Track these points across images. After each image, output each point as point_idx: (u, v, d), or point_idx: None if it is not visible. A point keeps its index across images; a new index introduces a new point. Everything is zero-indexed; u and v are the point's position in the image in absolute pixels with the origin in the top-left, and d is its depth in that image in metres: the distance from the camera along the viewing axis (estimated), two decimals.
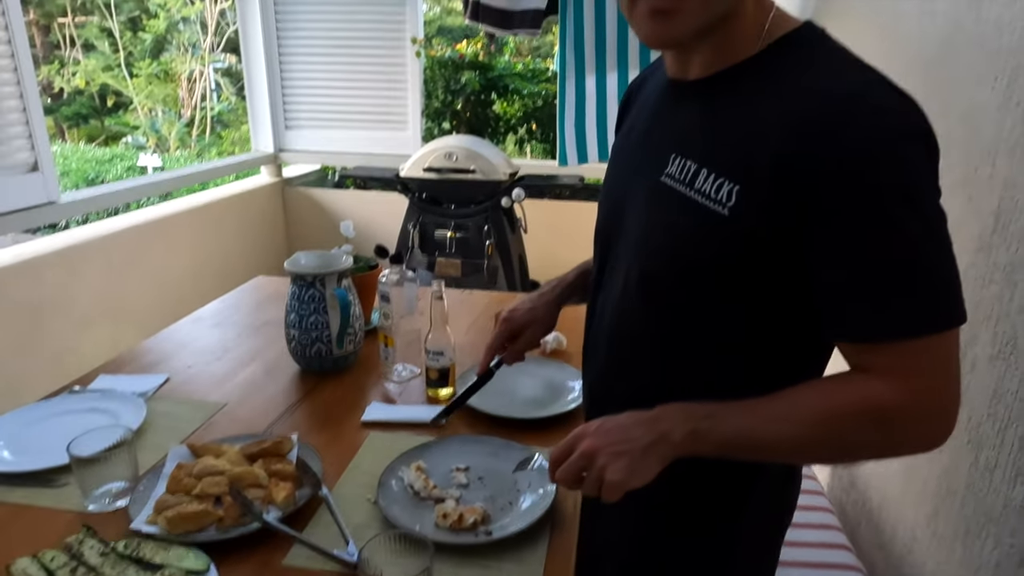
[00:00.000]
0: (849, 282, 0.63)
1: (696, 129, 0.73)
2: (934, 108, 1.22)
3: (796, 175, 0.63)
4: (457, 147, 3.16)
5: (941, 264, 0.63)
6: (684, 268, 0.73)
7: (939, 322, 0.62)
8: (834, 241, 0.63)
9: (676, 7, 0.67)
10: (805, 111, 0.63)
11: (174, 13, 12.14)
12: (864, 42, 1.65)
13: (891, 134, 0.60)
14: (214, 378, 1.35)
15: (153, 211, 3.07)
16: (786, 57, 0.68)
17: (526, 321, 1.06)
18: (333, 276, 1.30)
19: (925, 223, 0.62)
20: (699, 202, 0.69)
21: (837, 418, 0.66)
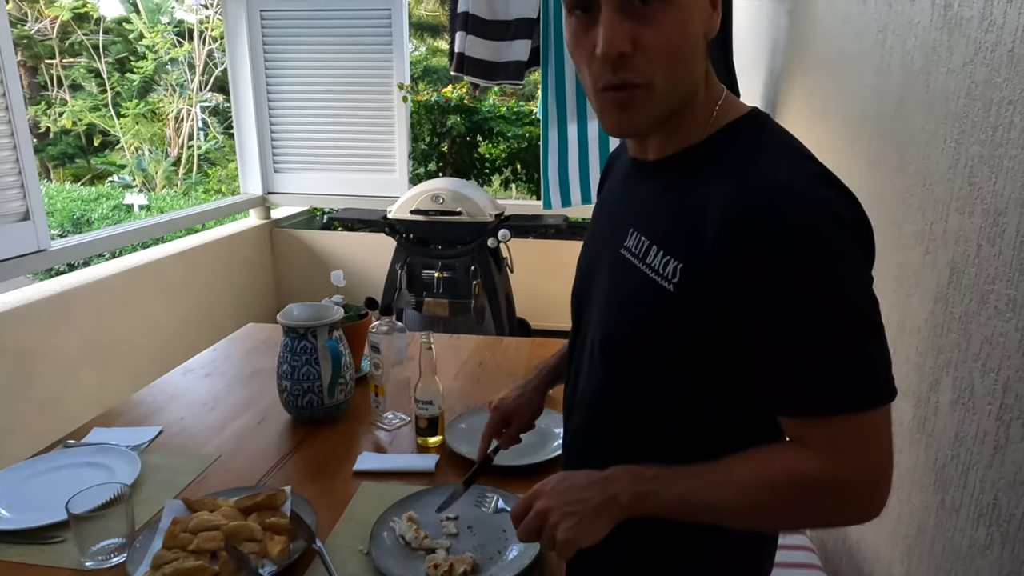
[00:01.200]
0: (780, 361, 0.67)
1: (650, 207, 0.78)
2: (892, 164, 1.30)
3: (731, 258, 0.67)
4: (443, 189, 3.23)
5: (868, 346, 0.66)
6: (637, 337, 0.77)
7: (865, 401, 0.66)
8: (765, 322, 0.67)
9: (633, 102, 0.71)
10: (742, 197, 0.67)
11: (162, 54, 12.29)
12: (827, 96, 1.76)
13: (820, 223, 0.64)
14: (207, 429, 1.37)
15: (142, 256, 3.10)
16: (731, 143, 0.73)
17: (516, 408, 1.08)
18: (324, 328, 1.34)
19: (852, 307, 0.65)
20: (649, 276, 0.74)
21: (769, 487, 0.69)
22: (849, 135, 1.56)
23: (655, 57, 0.68)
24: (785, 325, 0.66)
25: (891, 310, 1.26)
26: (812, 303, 0.65)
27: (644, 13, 0.67)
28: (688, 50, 0.70)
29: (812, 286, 0.65)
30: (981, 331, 0.96)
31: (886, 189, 1.32)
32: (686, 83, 0.73)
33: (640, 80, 0.69)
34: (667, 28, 0.68)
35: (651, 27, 0.67)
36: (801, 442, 0.70)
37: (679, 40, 0.69)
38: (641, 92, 0.70)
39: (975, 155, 0.99)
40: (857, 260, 0.67)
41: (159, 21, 12.07)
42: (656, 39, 0.68)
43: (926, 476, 1.09)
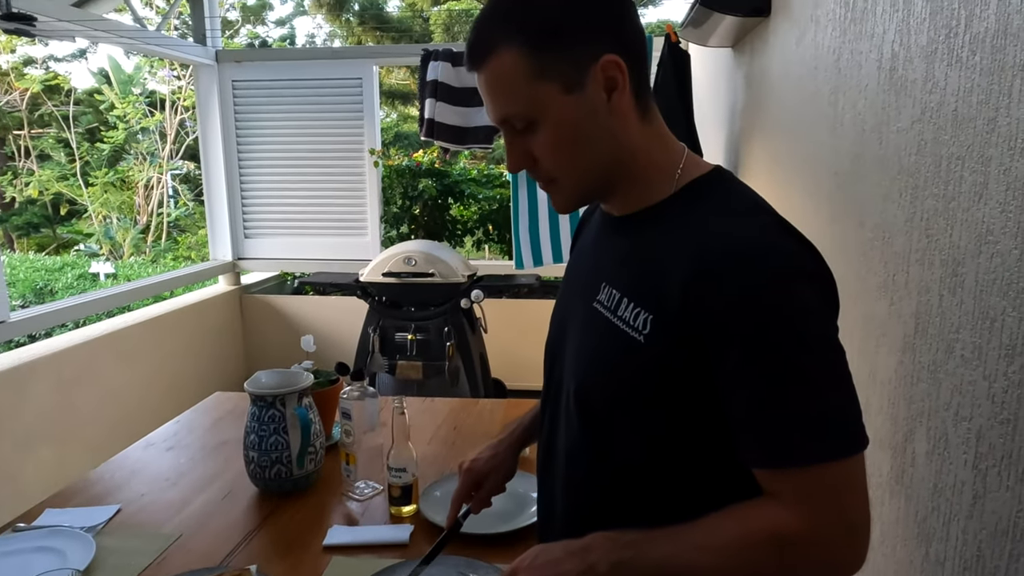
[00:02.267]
0: (748, 413, 0.68)
1: (621, 261, 0.80)
2: (852, 219, 1.34)
3: (699, 310, 0.68)
4: (416, 251, 3.24)
5: (837, 395, 0.67)
6: (609, 387, 0.78)
7: (838, 450, 0.66)
8: (735, 374, 0.68)
9: (555, 192, 0.79)
10: (707, 251, 0.69)
11: (133, 124, 12.35)
12: (786, 155, 1.82)
13: (782, 274, 0.67)
14: (169, 506, 1.31)
15: (105, 325, 3.03)
16: (695, 199, 0.76)
17: (488, 469, 1.06)
18: (294, 395, 1.31)
19: (816, 357, 0.67)
20: (621, 328, 0.75)
21: (750, 547, 0.68)
22: (810, 192, 1.61)
23: (551, 160, 0.77)
24: (754, 376, 0.67)
25: (861, 361, 1.27)
26: (780, 354, 0.66)
27: (529, 134, 0.76)
28: (582, 143, 0.76)
29: (779, 337, 0.66)
30: (950, 380, 0.97)
31: (848, 243, 1.36)
32: (596, 166, 0.77)
33: (548, 177, 0.78)
34: (550, 140, 0.75)
35: (538, 141, 0.76)
36: (776, 496, 0.69)
37: (565, 142, 0.75)
38: (555, 185, 0.79)
39: (930, 208, 1.03)
40: (822, 311, 0.69)
41: (131, 92, 12.17)
42: (546, 148, 0.76)
43: (908, 529, 1.08)
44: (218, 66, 3.80)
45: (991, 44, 0.79)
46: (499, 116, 0.76)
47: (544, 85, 0.72)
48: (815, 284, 0.69)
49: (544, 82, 0.72)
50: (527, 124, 0.75)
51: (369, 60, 3.80)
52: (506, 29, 0.73)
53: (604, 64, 0.72)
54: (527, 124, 0.75)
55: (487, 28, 0.74)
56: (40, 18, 2.54)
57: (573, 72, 0.73)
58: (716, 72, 2.65)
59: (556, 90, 0.73)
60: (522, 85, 0.72)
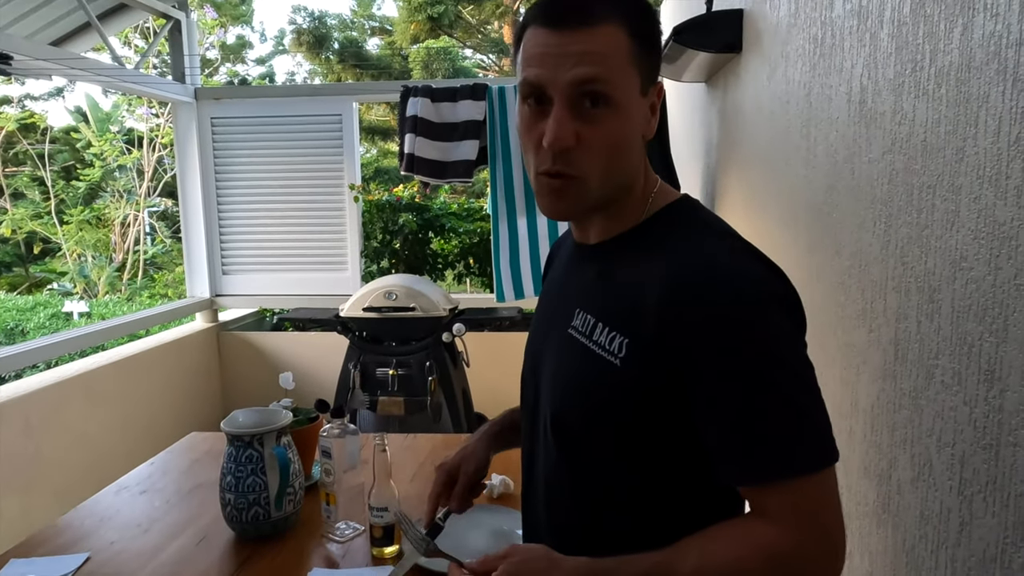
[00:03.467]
0: (726, 431, 0.70)
1: (594, 287, 0.81)
2: (829, 248, 1.36)
3: (671, 332, 0.70)
4: (396, 286, 3.22)
5: (812, 409, 0.70)
6: (588, 413, 0.78)
7: (819, 460, 0.68)
8: (709, 394, 0.70)
9: (567, 191, 0.76)
10: (678, 275, 0.71)
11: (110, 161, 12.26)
12: (762, 187, 1.85)
13: (749, 296, 0.69)
14: (140, 555, 1.26)
15: (77, 365, 2.95)
16: (664, 226, 0.79)
17: (458, 459, 1.05)
18: (272, 435, 1.28)
19: (788, 372, 0.69)
20: (597, 352, 0.76)
21: (743, 570, 0.69)
22: (787, 223, 1.64)
23: (594, 154, 0.74)
24: (730, 395, 0.69)
25: (843, 390, 1.28)
26: (754, 372, 0.68)
27: (590, 113, 0.73)
28: (625, 149, 0.77)
29: (751, 356, 0.68)
30: (931, 406, 0.97)
31: (825, 272, 1.37)
32: (620, 178, 0.79)
33: (576, 172, 0.75)
34: (608, 129, 0.74)
35: (594, 127, 0.73)
36: (762, 513, 0.71)
37: (618, 140, 0.75)
38: (575, 184, 0.76)
39: (904, 236, 1.04)
40: (790, 328, 0.72)
41: (108, 130, 12.12)
42: (598, 138, 0.74)
43: (897, 558, 1.07)
44: (197, 103, 3.80)
45: (956, 77, 0.81)
46: (585, 75, 0.72)
47: (634, 72, 0.74)
48: (783, 303, 0.72)
49: (635, 70, 0.74)
50: (598, 99, 0.73)
51: (349, 97, 3.83)
52: (618, 8, 0.74)
53: (659, 88, 0.78)
54: (598, 99, 0.73)
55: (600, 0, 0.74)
56: (16, 56, 2.53)
57: (648, 77, 0.76)
58: (691, 107, 2.71)
59: (637, 83, 0.75)
60: (621, 60, 0.73)
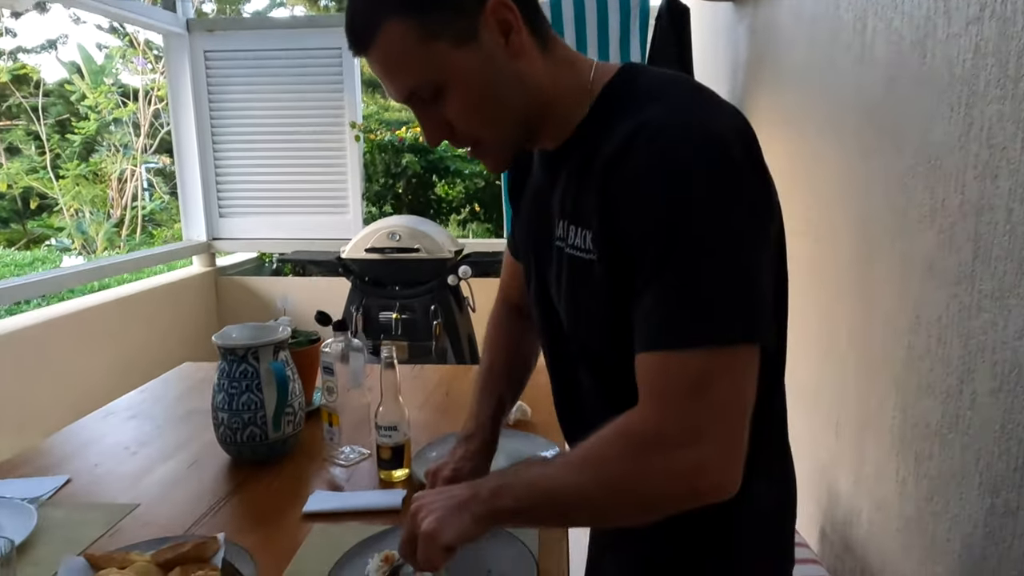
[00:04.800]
0: (636, 300, 0.66)
1: (563, 191, 0.77)
2: (886, 150, 1.22)
3: (609, 211, 0.67)
4: (400, 226, 3.09)
5: (712, 280, 0.62)
6: (587, 317, 0.76)
7: (692, 337, 0.62)
8: (634, 263, 0.66)
9: (483, 155, 0.77)
10: (610, 151, 0.67)
11: (105, 115, 12.00)
12: (796, 102, 1.70)
13: (662, 155, 0.63)
14: (126, 476, 1.16)
15: (68, 305, 2.84)
16: (607, 107, 0.74)
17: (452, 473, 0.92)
18: (269, 348, 1.16)
19: (700, 243, 0.62)
20: (576, 256, 0.74)
21: (603, 458, 0.66)
22: (830, 133, 1.49)
23: (469, 124, 0.73)
24: (647, 265, 0.64)
25: (900, 303, 1.15)
26: (663, 239, 0.63)
27: (439, 102, 0.72)
28: (489, 95, 0.72)
29: (659, 219, 0.63)
30: (1022, 306, 0.85)
31: (879, 178, 1.24)
32: (513, 113, 0.74)
33: (472, 140, 0.75)
34: (459, 100, 0.71)
35: (448, 108, 0.72)
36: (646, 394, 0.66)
37: (474, 100, 0.72)
38: (481, 147, 0.76)
39: (993, 115, 0.91)
40: (723, 187, 0.63)
41: (102, 82, 11.82)
42: (456, 115, 0.72)
43: (967, 480, 0.96)
44: (189, 36, 3.60)
45: None
46: (403, 92, 0.73)
47: (436, 45, 0.69)
48: (709, 155, 0.63)
49: (436, 42, 0.69)
50: (433, 92, 0.71)
51: None
52: (384, 4, 0.70)
53: (492, 7, 0.70)
54: (433, 92, 0.71)
55: (364, 8, 0.72)
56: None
57: (463, 24, 0.70)
58: (715, 29, 2.54)
59: (449, 47, 0.70)
60: (415, 53, 0.70)
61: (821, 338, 1.52)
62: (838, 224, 1.45)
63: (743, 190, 0.64)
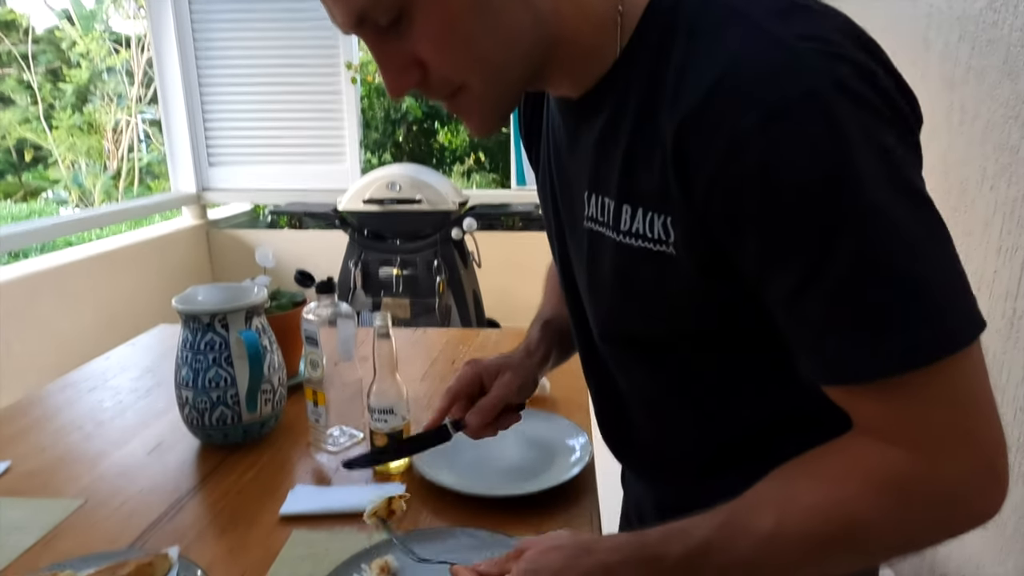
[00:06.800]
0: (801, 316, 0.48)
1: (597, 157, 0.58)
2: (987, 75, 0.97)
3: (698, 190, 0.48)
4: (400, 176, 2.87)
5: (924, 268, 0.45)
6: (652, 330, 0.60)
7: (938, 345, 0.45)
8: (765, 263, 0.48)
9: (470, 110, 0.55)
10: (686, 108, 0.48)
11: (98, 63, 11.63)
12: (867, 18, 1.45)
13: (775, 114, 0.44)
14: (76, 462, 0.98)
15: (46, 259, 2.65)
16: (658, 38, 0.52)
17: (498, 365, 0.80)
18: (239, 314, 0.97)
19: (865, 213, 0.44)
20: (636, 246, 0.55)
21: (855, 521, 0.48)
22: (909, 58, 1.26)
23: (444, 60, 0.52)
24: (790, 268, 0.47)
25: (1002, 261, 0.95)
26: (813, 224, 0.45)
27: (404, 31, 0.51)
28: (479, 18, 0.50)
29: (803, 200, 0.45)
30: None
31: (977, 110, 1.02)
32: (511, 46, 0.52)
33: (451, 85, 0.54)
34: (436, 24, 0.50)
35: (418, 40, 0.51)
36: (866, 429, 0.50)
37: (458, 24, 0.50)
38: (464, 95, 0.55)
39: None
40: (879, 141, 0.45)
41: (93, 28, 11.40)
42: (430, 47, 0.51)
43: None
44: None
45: None
46: (355, 11, 0.49)
47: None
48: (864, 98, 0.45)
49: None
50: (397, 13, 0.49)
51: None
52: None
53: None
54: (397, 13, 0.49)
55: None
56: None
57: None
58: None
59: None
60: None
61: None
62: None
63: (908, 121, 0.48)
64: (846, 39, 0.47)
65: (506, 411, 0.78)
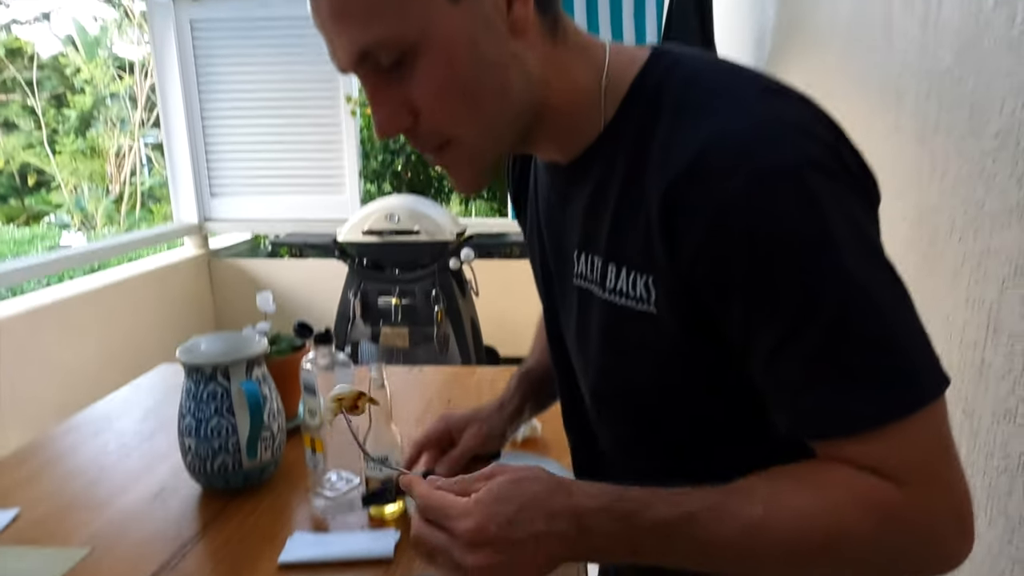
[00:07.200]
0: (782, 374, 0.51)
1: (585, 217, 0.61)
2: (958, 129, 1.04)
3: (684, 255, 0.51)
4: (398, 207, 2.93)
5: (897, 326, 0.49)
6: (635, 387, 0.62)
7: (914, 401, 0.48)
8: (749, 325, 0.51)
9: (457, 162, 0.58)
10: (671, 174, 0.51)
11: (101, 88, 11.80)
12: (838, 71, 1.52)
13: (758, 183, 0.48)
14: (82, 511, 1.02)
15: (51, 292, 2.69)
16: (645, 110, 0.56)
17: (467, 419, 0.84)
18: (240, 365, 1.01)
19: (857, 286, 0.48)
20: (621, 305, 0.58)
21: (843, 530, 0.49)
22: (882, 108, 1.31)
23: (438, 109, 0.54)
24: (773, 329, 0.50)
25: (972, 311, 0.99)
26: (786, 288, 0.49)
27: (404, 73, 0.53)
28: (479, 74, 0.54)
29: (777, 266, 0.48)
30: None
31: (950, 161, 1.07)
32: (504, 105, 0.56)
33: (440, 136, 0.56)
34: (437, 71, 0.53)
35: (416, 84, 0.53)
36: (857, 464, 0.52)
37: (458, 75, 0.53)
38: (453, 148, 0.57)
39: None
40: (849, 211, 0.49)
41: (97, 55, 11.57)
42: (428, 93, 0.54)
43: None
44: (174, 5, 3.41)
45: None
46: (358, 48, 0.52)
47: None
48: (835, 172, 0.49)
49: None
50: (397, 56, 0.52)
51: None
52: None
53: None
54: (397, 56, 0.52)
55: None
56: None
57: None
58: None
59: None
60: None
61: None
62: (892, 215, 1.28)
63: (869, 195, 0.53)
64: (817, 121, 0.52)
65: (476, 461, 0.82)
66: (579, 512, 0.51)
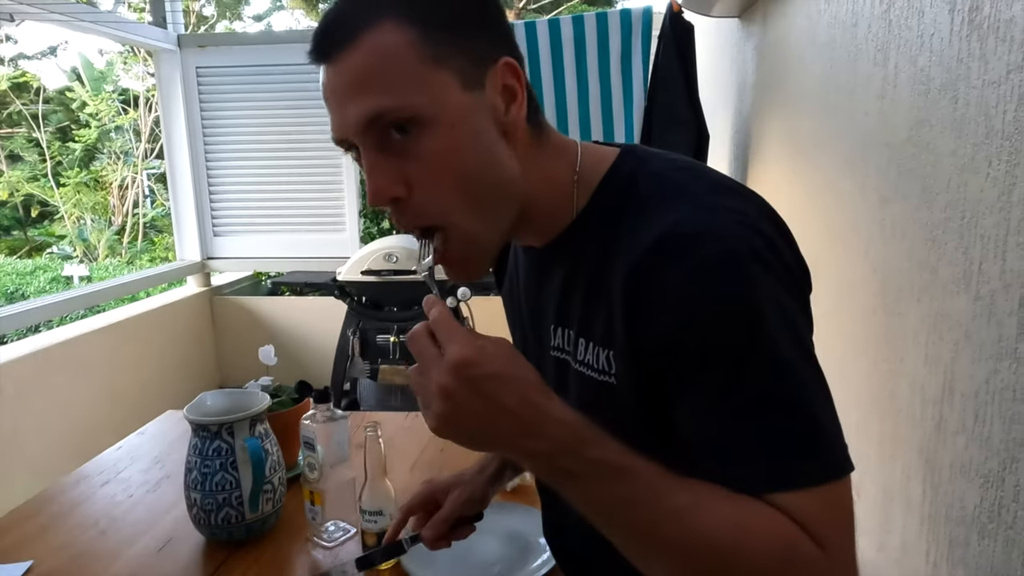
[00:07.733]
0: (709, 428, 0.55)
1: (560, 297, 0.68)
2: (913, 197, 1.12)
3: (638, 331, 0.57)
4: (397, 247, 3.00)
5: (817, 409, 0.55)
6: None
7: (830, 472, 0.54)
8: (687, 380, 0.56)
9: (447, 246, 0.61)
10: (633, 261, 0.57)
11: (106, 122, 11.98)
12: (811, 131, 1.61)
13: (703, 267, 0.54)
14: (92, 563, 1.07)
15: (57, 333, 2.76)
16: (613, 204, 0.63)
17: (449, 483, 0.90)
18: (244, 423, 1.07)
19: (771, 350, 0.54)
20: (588, 375, 0.64)
21: (746, 532, 0.52)
22: (850, 171, 1.40)
23: (436, 190, 0.58)
24: (705, 388, 0.55)
25: (929, 370, 1.06)
26: (732, 371, 0.54)
27: (403, 145, 0.57)
28: (473, 166, 0.59)
29: (725, 337, 0.54)
30: None
31: (907, 226, 1.14)
32: (499, 196, 0.62)
33: (432, 222, 0.60)
34: (434, 153, 0.57)
35: (416, 158, 0.57)
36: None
37: (454, 161, 0.58)
38: (453, 239, 0.61)
39: None
40: (780, 301, 0.55)
41: (103, 89, 11.78)
42: (427, 170, 0.58)
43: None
44: (180, 52, 3.53)
45: None
46: (371, 110, 0.56)
47: (440, 73, 0.56)
48: (770, 263, 0.56)
49: (440, 69, 0.56)
50: (401, 127, 0.56)
51: None
52: (384, 2, 0.57)
53: (503, 67, 0.59)
54: (401, 127, 0.56)
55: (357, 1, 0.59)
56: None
57: (470, 66, 0.58)
58: (720, 46, 2.44)
59: (454, 81, 0.57)
60: (413, 66, 0.56)
61: (838, 392, 1.43)
62: (858, 270, 1.36)
63: (803, 290, 0.60)
64: (762, 217, 0.59)
65: (460, 523, 0.87)
66: (545, 414, 0.52)
